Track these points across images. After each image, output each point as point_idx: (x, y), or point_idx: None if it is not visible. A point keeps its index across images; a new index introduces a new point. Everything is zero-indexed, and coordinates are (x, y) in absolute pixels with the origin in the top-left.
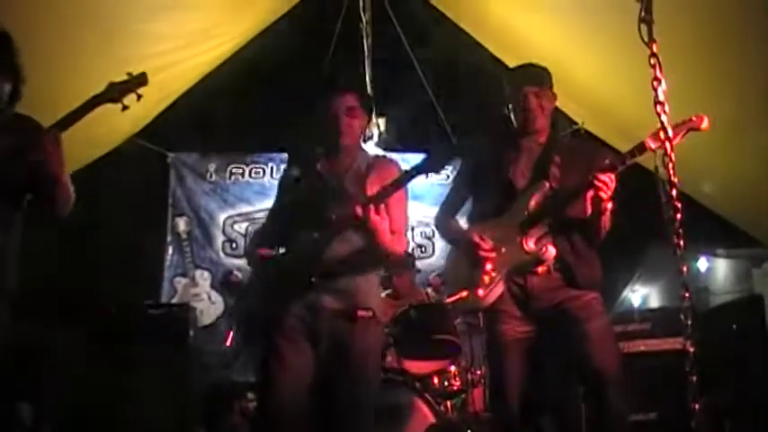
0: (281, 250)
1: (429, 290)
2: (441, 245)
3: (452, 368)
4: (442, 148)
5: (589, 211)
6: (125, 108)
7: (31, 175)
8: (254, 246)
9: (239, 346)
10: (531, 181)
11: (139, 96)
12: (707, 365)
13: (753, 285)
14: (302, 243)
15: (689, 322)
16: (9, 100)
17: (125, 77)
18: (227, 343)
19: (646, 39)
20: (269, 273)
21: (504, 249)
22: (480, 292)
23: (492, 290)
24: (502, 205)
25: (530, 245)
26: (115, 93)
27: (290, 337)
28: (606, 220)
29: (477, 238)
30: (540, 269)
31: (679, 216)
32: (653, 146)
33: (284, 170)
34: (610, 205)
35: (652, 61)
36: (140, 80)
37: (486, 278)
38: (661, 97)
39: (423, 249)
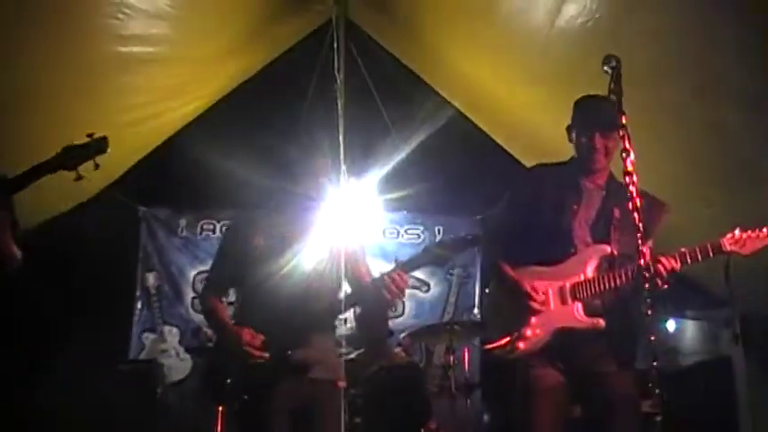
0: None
1: (399, 350)
2: (410, 305)
3: (422, 429)
4: (445, 243)
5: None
6: (79, 178)
7: None
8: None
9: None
10: (592, 236)
11: (97, 166)
12: (676, 426)
13: (721, 346)
14: (281, 318)
15: (657, 391)
16: None
17: (84, 140)
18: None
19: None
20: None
21: (552, 306)
22: (521, 345)
23: (534, 344)
24: (557, 253)
25: (582, 314)
26: (70, 160)
27: (274, 410)
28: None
29: (529, 289)
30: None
31: (647, 286)
32: (728, 248)
33: (234, 231)
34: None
35: (621, 133)
36: (100, 146)
37: (530, 332)
38: (629, 168)
39: (393, 309)
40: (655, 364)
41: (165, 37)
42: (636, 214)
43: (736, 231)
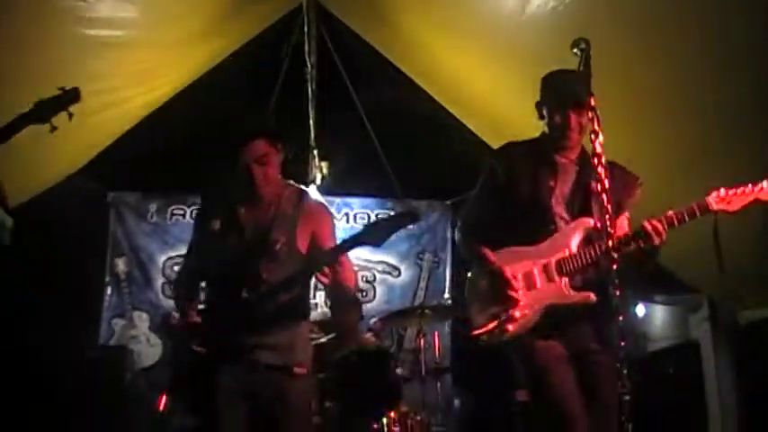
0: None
1: (369, 334)
2: (381, 289)
3: (392, 413)
4: (385, 221)
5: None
6: (54, 129)
7: None
8: (180, 300)
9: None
10: (570, 212)
11: (71, 115)
12: (644, 410)
13: (689, 331)
14: (232, 303)
15: (624, 371)
16: None
17: (55, 93)
18: (161, 407)
19: None
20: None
21: (539, 284)
22: (510, 327)
23: (523, 325)
24: (537, 232)
25: (570, 289)
26: (44, 112)
27: (227, 398)
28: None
29: (508, 275)
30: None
31: (615, 267)
32: (715, 207)
33: (199, 215)
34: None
35: (590, 115)
36: (72, 96)
37: (518, 313)
38: (599, 149)
39: (363, 294)
40: (623, 344)
41: (133, 21)
42: (605, 195)
43: (722, 189)
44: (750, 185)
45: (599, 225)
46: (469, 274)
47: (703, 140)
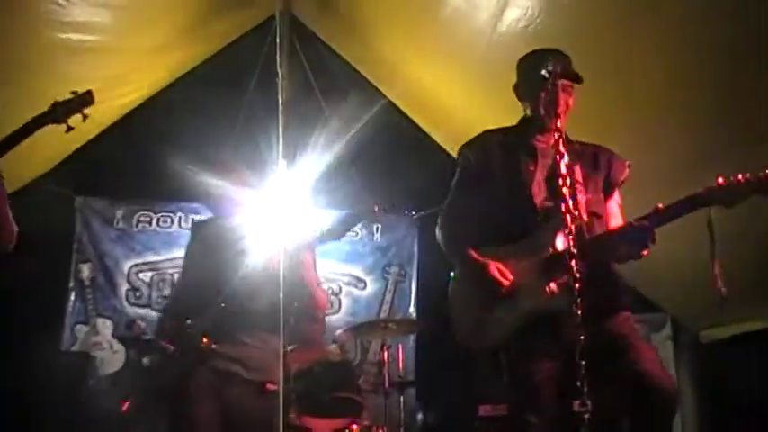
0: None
1: (333, 346)
2: (346, 302)
3: (354, 426)
4: (340, 221)
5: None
6: (69, 129)
7: None
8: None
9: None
10: (552, 199)
11: (85, 117)
12: (606, 428)
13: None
14: (211, 313)
15: (585, 389)
16: None
17: (69, 96)
18: (124, 409)
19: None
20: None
21: (523, 286)
22: (494, 332)
23: (507, 330)
24: (520, 226)
25: (557, 292)
26: (59, 113)
27: (199, 396)
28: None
29: (496, 273)
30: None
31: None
32: (709, 200)
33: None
34: None
35: (556, 136)
36: (86, 99)
37: (502, 315)
38: (563, 170)
39: (329, 305)
40: (583, 362)
41: (106, 26)
42: (569, 216)
43: (719, 180)
44: (749, 174)
45: (585, 215)
46: (452, 275)
47: (717, 140)
